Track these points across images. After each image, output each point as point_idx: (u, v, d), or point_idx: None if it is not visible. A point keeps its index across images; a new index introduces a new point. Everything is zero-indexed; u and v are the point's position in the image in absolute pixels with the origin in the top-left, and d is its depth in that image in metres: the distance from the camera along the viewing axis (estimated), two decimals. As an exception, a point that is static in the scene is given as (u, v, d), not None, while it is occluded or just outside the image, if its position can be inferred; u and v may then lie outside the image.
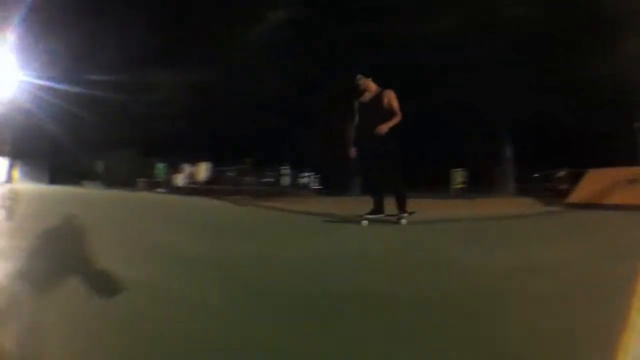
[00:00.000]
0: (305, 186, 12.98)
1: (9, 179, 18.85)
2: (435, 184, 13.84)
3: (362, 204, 4.95)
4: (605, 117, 14.02)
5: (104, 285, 1.85)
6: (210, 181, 12.44)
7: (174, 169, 13.97)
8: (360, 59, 11.54)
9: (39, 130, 17.63)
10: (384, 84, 4.64)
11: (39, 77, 16.30)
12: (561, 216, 6.64)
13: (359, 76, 4.61)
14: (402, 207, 4.37)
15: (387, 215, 4.42)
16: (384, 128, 4.27)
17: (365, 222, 4.27)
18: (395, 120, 4.33)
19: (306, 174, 13.35)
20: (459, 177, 12.80)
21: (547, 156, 15.82)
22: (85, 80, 16.03)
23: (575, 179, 13.59)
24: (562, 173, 15.65)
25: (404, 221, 4.29)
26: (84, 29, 15.71)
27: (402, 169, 4.61)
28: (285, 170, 12.94)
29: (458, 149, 14.85)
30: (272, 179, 13.00)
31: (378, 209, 4.44)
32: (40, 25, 15.52)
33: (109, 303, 1.60)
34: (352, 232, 3.93)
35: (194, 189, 12.45)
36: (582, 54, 12.60)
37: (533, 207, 9.29)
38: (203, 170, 12.57)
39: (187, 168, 13.08)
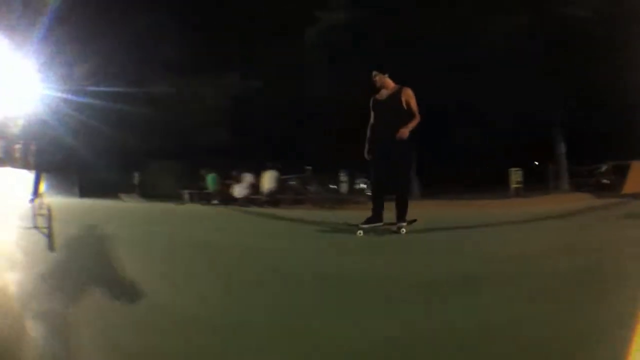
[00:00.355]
0: (362, 192, 12.86)
1: (36, 193, 18.05)
2: (487, 185, 13.92)
3: (436, 207, 4.98)
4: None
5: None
6: (275, 192, 12.08)
7: (227, 178, 13.51)
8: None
9: (66, 143, 16.92)
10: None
11: (63, 91, 15.67)
12: (630, 205, 7.12)
13: (374, 72, 4.38)
14: (402, 215, 4.20)
15: (386, 224, 4.24)
16: (405, 132, 4.07)
17: (360, 232, 4.06)
18: (415, 122, 4.16)
19: (361, 180, 13.22)
20: (517, 176, 12.93)
21: (583, 151, 16.09)
22: (117, 90, 15.51)
23: (618, 172, 13.92)
24: (604, 167, 15.95)
25: (403, 230, 4.12)
26: (117, 35, 15.11)
27: (416, 174, 4.47)
28: (344, 177, 12.76)
29: (507, 148, 14.97)
30: (335, 187, 12.80)
31: (376, 217, 4.23)
32: (66, 37, 14.91)
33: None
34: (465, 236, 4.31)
35: (253, 200, 12.26)
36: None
37: (596, 200, 9.60)
38: (268, 180, 12.15)
39: (247, 177, 12.65)
